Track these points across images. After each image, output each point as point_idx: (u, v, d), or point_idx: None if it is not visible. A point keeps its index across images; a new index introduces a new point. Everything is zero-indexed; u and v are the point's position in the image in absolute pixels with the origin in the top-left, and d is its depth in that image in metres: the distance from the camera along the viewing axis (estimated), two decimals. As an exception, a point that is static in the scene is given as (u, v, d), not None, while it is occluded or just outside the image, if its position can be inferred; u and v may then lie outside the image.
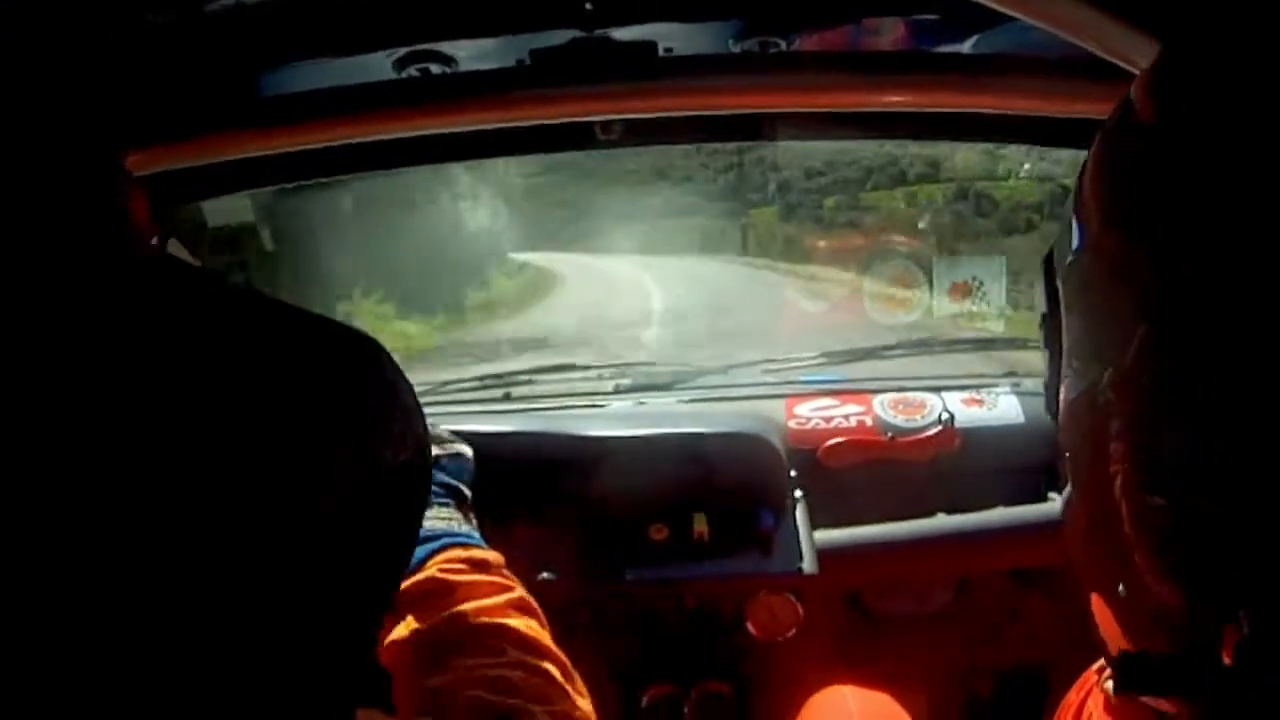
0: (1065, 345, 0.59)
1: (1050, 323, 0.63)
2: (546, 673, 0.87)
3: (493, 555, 1.04)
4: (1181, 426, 0.47)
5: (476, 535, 1.09)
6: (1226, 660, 0.47)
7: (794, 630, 1.70)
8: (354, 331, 0.60)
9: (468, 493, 1.18)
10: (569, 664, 0.92)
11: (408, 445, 0.59)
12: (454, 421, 1.84)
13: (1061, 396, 0.61)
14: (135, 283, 0.51)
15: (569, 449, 1.81)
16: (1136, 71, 0.65)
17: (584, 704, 0.89)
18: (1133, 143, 0.52)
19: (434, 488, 1.11)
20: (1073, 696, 0.77)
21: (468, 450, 1.23)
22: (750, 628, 1.70)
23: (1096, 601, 0.59)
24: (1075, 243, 0.56)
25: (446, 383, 2.24)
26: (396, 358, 0.62)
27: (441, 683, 0.83)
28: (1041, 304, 0.66)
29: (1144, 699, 0.58)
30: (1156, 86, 0.52)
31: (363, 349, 0.60)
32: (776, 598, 1.69)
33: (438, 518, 1.07)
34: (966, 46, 1.31)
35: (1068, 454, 0.60)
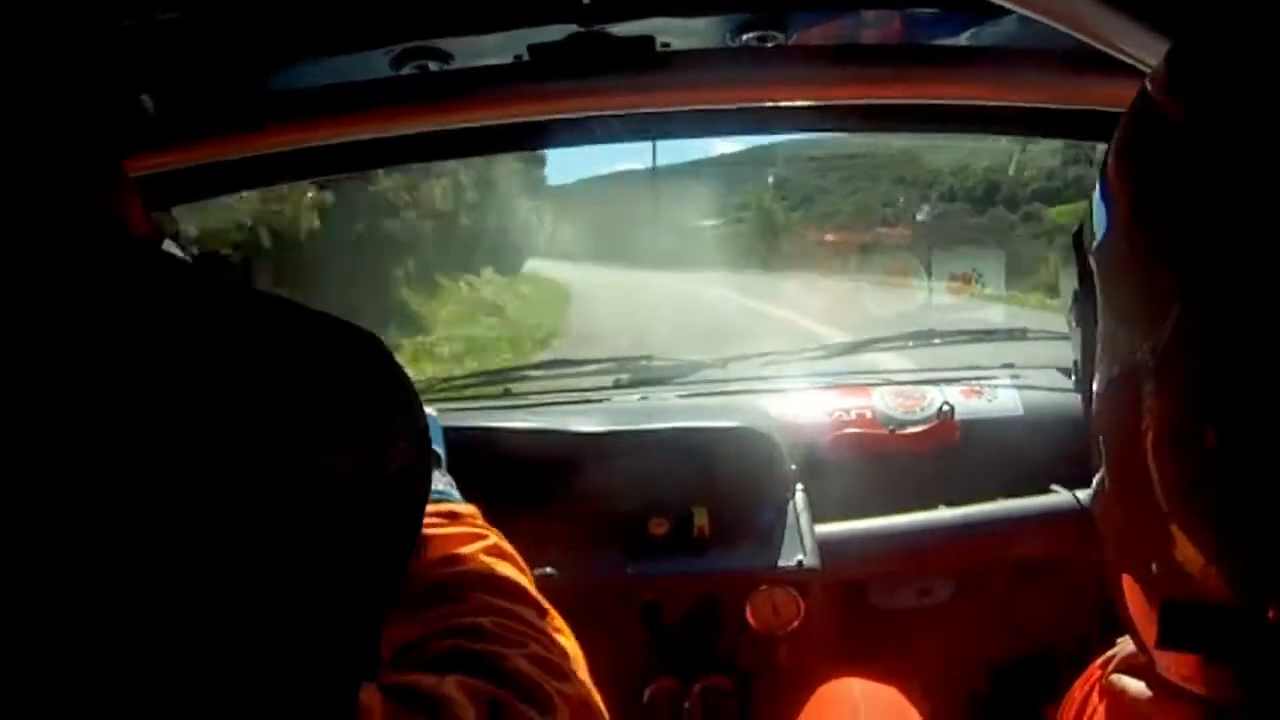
0: (1099, 325, 0.59)
1: (1082, 300, 0.63)
2: (519, 615, 0.86)
3: (465, 508, 1.03)
4: (1224, 402, 0.48)
5: (453, 491, 1.08)
6: (1271, 618, 0.47)
7: (796, 624, 1.69)
8: (353, 327, 0.60)
9: (441, 452, 1.19)
10: (547, 605, 0.91)
11: (408, 440, 0.59)
12: (453, 417, 1.84)
13: (1096, 377, 0.61)
14: (131, 283, 0.51)
15: (569, 444, 1.80)
16: (1136, 62, 0.65)
17: (564, 641, 0.89)
18: (1156, 132, 0.53)
19: None
20: (1076, 690, 0.77)
21: (433, 412, 1.26)
22: (752, 622, 1.70)
23: (1128, 582, 0.59)
24: (1104, 225, 0.56)
25: (446, 379, 2.24)
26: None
27: (412, 635, 0.83)
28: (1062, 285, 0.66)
29: (1140, 698, 0.58)
30: (1173, 72, 0.53)
31: (362, 344, 0.59)
32: (778, 592, 1.69)
33: None
34: (964, 39, 1.31)
35: (1101, 435, 0.60)
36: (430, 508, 0.99)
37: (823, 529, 1.77)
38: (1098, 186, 0.57)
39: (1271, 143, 0.46)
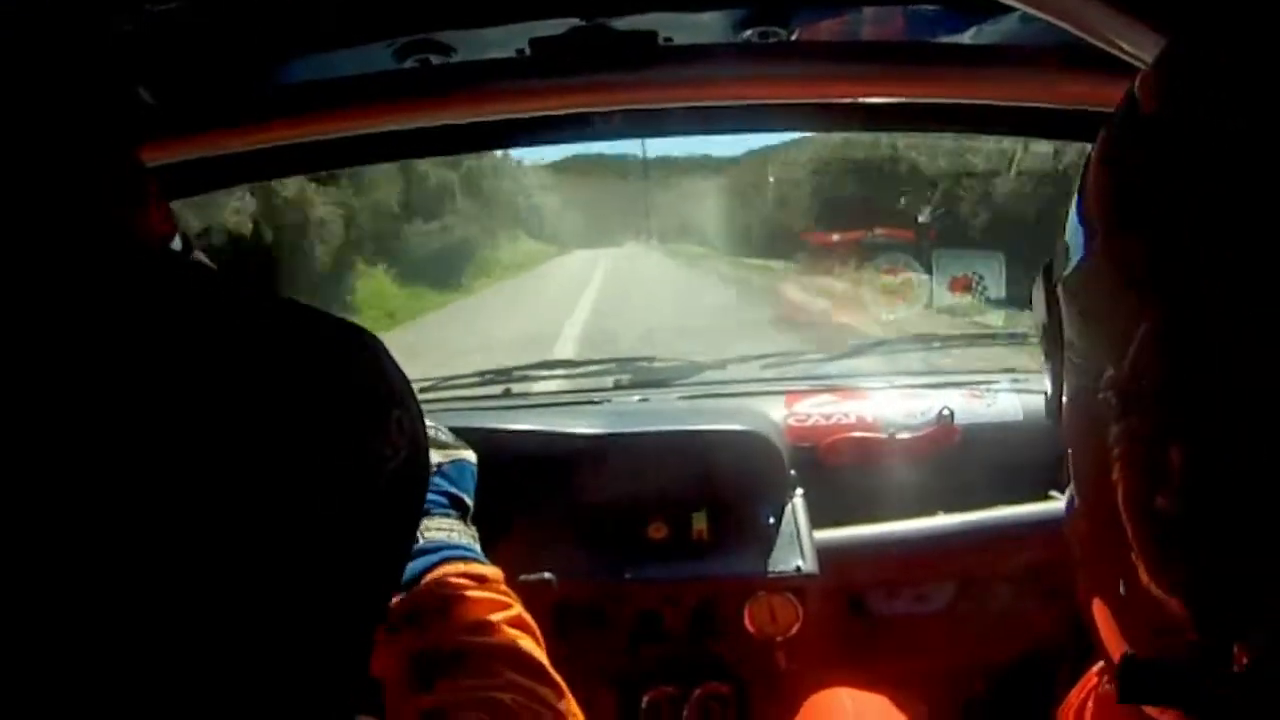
0: (1065, 345, 0.58)
1: (1050, 329, 0.61)
2: (540, 696, 0.86)
3: (492, 570, 1.01)
4: (1186, 429, 0.46)
5: (476, 548, 1.06)
6: (1237, 670, 0.45)
7: (794, 630, 1.69)
8: (352, 327, 0.60)
9: (470, 502, 1.14)
10: (564, 685, 0.90)
11: (404, 440, 0.59)
12: (454, 418, 1.83)
13: (1064, 395, 0.59)
14: (133, 280, 0.51)
15: (568, 446, 1.80)
16: (1141, 65, 0.64)
17: None
18: (1138, 138, 0.50)
19: (435, 496, 1.08)
20: (1074, 697, 0.76)
21: (471, 456, 1.18)
22: (750, 628, 1.69)
23: (1097, 604, 0.58)
24: (1080, 242, 0.54)
25: (447, 378, 2.23)
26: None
27: (432, 703, 0.82)
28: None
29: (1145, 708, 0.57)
30: (1162, 80, 0.51)
31: (360, 344, 0.59)
32: (776, 597, 1.68)
33: (438, 529, 1.04)
34: (968, 37, 1.30)
35: (1070, 457, 0.59)
36: (460, 567, 0.99)
37: (821, 534, 1.76)
38: (1074, 205, 0.55)
39: (1266, 149, 0.44)
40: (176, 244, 1.00)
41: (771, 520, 1.75)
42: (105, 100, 1.24)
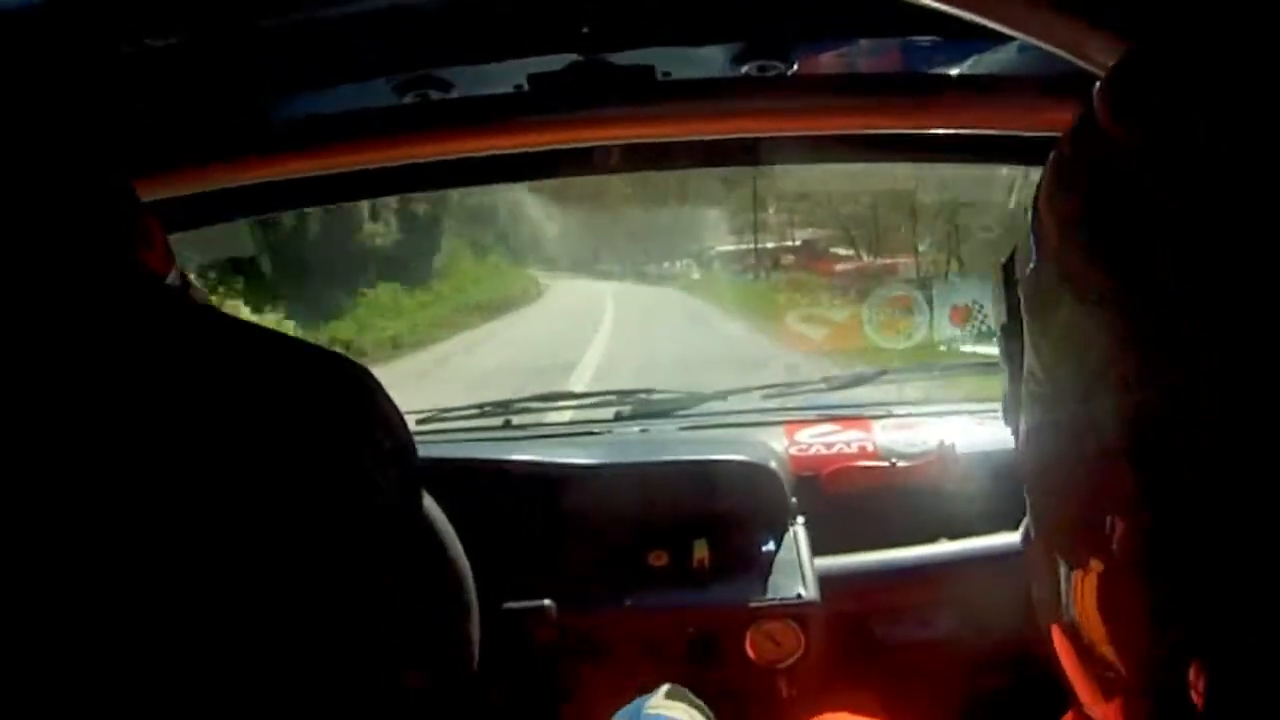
0: (1025, 364, 0.56)
1: (1009, 337, 0.60)
2: None
3: None
4: (1154, 463, 0.45)
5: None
6: (1196, 702, 0.44)
7: (796, 657, 1.68)
8: (349, 363, 0.61)
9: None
10: None
11: (395, 472, 0.59)
12: (453, 449, 1.83)
13: (1022, 420, 0.58)
14: (131, 320, 0.51)
15: (569, 476, 1.80)
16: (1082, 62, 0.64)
17: None
18: (1092, 150, 0.49)
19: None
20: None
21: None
22: (751, 655, 1.68)
23: (1056, 633, 0.57)
24: (1033, 254, 0.53)
25: (445, 410, 2.23)
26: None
27: None
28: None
29: None
30: (1115, 89, 0.49)
31: (354, 378, 0.60)
32: (778, 625, 1.68)
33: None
34: (965, 67, 1.31)
35: (1026, 481, 0.58)
36: None
37: (823, 562, 1.76)
38: (1032, 209, 0.54)
39: (1223, 164, 0.42)
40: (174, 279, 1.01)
41: (773, 548, 1.76)
42: (104, 137, 1.25)
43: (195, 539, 0.47)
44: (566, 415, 2.36)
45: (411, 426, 0.73)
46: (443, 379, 11.67)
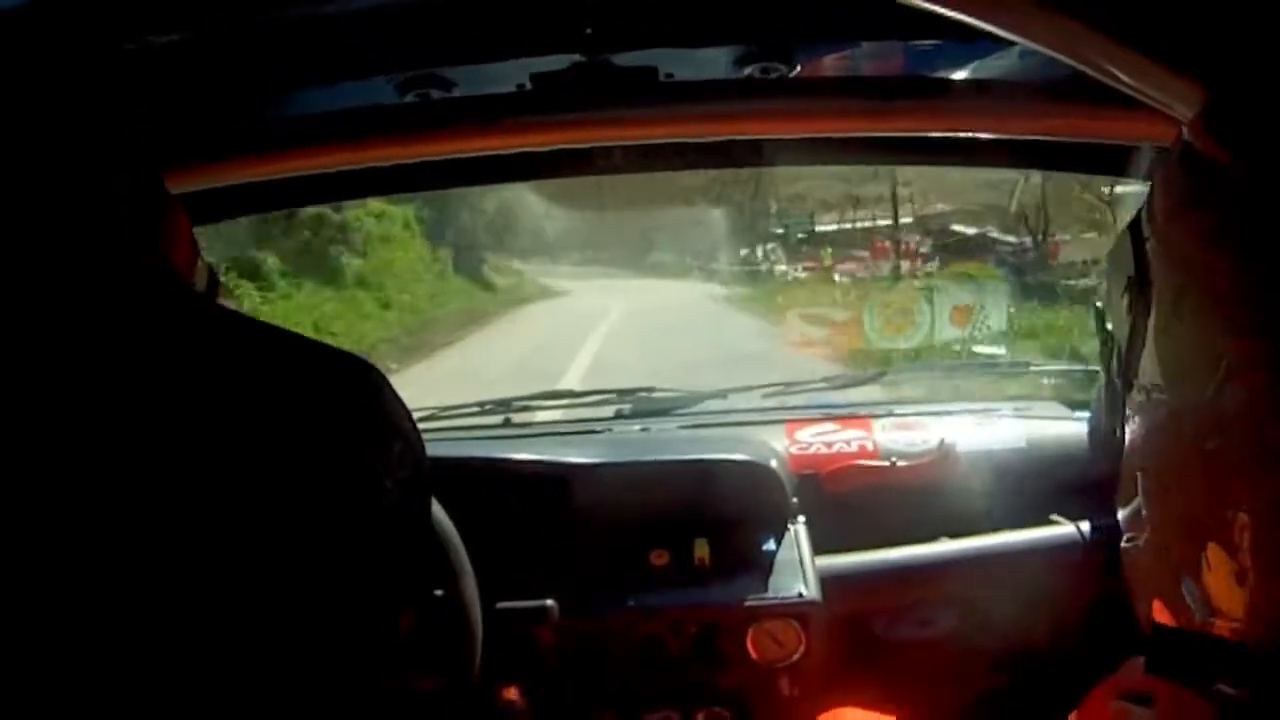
0: (1141, 374, 0.60)
1: (1136, 290, 0.63)
2: None
3: None
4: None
5: None
6: None
7: (797, 656, 1.68)
8: (357, 360, 0.61)
9: None
10: None
11: (405, 470, 0.59)
12: (454, 447, 1.84)
13: (1133, 422, 0.61)
14: (149, 319, 0.52)
15: (569, 475, 1.80)
16: (1141, 96, 0.65)
17: None
18: (1209, 175, 0.53)
19: None
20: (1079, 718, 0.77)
21: None
22: (753, 654, 1.69)
23: (1157, 606, 0.59)
24: (1150, 266, 0.58)
25: (446, 408, 2.23)
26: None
27: None
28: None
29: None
30: (1218, 124, 0.54)
31: (364, 377, 0.60)
32: (779, 623, 1.68)
33: None
34: (968, 71, 1.31)
35: (1140, 468, 0.61)
36: None
37: (823, 561, 1.76)
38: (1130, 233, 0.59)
39: None
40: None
41: (773, 547, 1.76)
42: (112, 135, 1.25)
43: (198, 538, 0.48)
44: (567, 414, 2.36)
45: None
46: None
